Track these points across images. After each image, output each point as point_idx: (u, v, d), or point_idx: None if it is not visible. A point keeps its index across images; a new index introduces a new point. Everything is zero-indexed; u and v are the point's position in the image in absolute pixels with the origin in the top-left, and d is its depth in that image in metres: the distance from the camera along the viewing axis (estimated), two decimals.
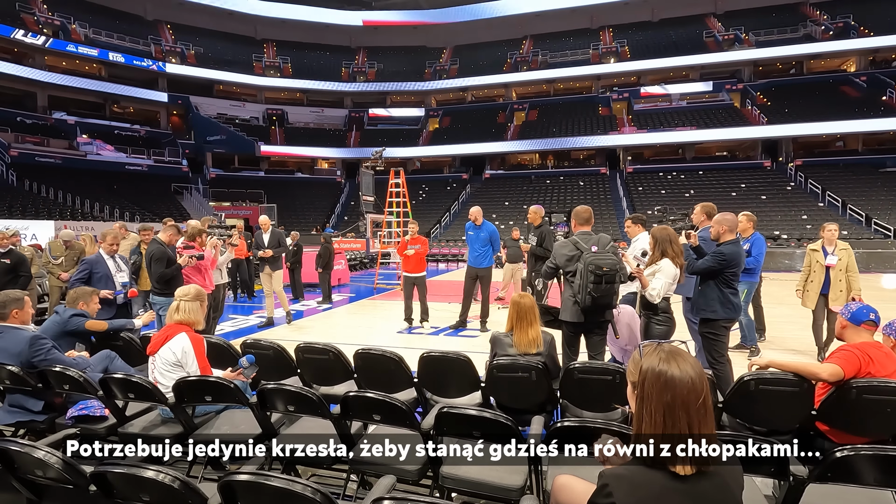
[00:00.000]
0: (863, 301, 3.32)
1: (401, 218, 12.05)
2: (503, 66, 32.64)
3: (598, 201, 24.68)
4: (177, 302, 2.85)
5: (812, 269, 5.17)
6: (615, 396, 2.61)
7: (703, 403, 1.07)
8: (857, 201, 20.82)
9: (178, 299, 2.87)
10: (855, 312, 2.52)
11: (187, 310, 2.80)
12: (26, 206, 20.04)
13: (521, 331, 2.96)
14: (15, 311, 2.95)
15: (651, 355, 1.13)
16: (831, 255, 5.05)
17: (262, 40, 34.60)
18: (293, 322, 7.34)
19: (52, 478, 1.59)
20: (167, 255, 4.70)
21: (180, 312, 2.79)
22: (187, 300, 2.84)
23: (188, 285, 3.00)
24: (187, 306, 2.81)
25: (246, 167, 32.04)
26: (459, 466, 2.11)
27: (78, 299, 3.55)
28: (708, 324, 3.64)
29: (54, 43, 25.97)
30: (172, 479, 1.37)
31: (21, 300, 3.00)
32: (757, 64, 29.06)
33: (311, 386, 3.27)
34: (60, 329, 3.35)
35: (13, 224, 15.35)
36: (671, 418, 1.06)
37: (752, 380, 2.43)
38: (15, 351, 2.81)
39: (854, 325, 2.51)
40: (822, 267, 5.07)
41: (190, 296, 2.87)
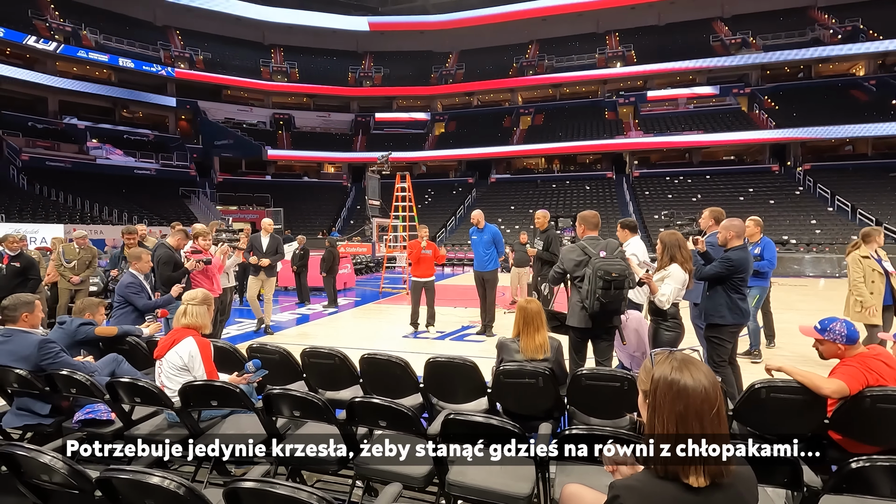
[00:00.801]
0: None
1: (406, 222, 12.05)
2: (509, 71, 32.70)
3: (605, 206, 24.58)
4: (184, 306, 2.85)
5: (870, 280, 4.59)
6: (623, 403, 2.58)
7: (717, 413, 1.04)
8: (866, 206, 20.59)
9: (185, 303, 2.87)
10: (847, 333, 2.46)
11: (194, 314, 2.80)
12: (36, 209, 20.25)
13: (528, 336, 2.94)
14: (25, 314, 2.96)
15: (663, 363, 1.11)
16: (885, 261, 4.61)
17: (270, 45, 34.90)
18: (298, 326, 7.35)
19: (58, 483, 1.58)
20: (174, 259, 4.72)
21: (187, 316, 2.79)
22: (194, 304, 2.84)
23: (196, 289, 3.00)
24: (195, 310, 2.81)
25: (253, 171, 32.26)
26: (466, 474, 2.09)
27: (85, 310, 3.58)
28: (715, 329, 3.61)
29: (65, 49, 26.35)
30: (178, 485, 1.36)
31: (32, 304, 3.02)
32: (764, 68, 28.91)
33: (317, 391, 3.27)
34: (70, 340, 3.35)
35: (23, 227, 15.53)
36: (684, 428, 1.04)
37: (763, 387, 2.39)
38: (24, 354, 2.82)
39: (851, 345, 2.47)
40: (881, 275, 4.58)
41: (197, 300, 2.87)
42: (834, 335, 2.49)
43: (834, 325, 2.50)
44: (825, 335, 2.51)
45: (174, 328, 2.85)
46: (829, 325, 2.50)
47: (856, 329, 2.49)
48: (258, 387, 3.00)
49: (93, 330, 3.44)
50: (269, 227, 7.10)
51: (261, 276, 6.93)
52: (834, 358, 2.55)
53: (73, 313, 3.61)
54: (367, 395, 2.34)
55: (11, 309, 2.92)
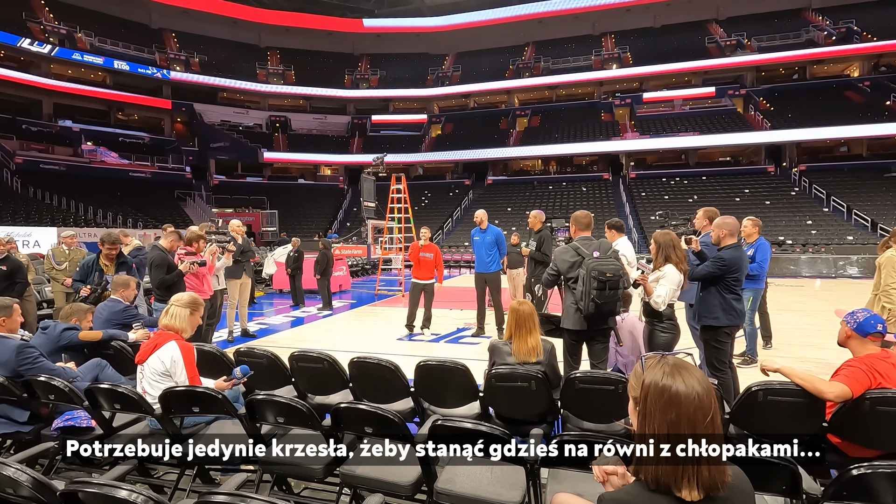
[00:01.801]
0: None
1: (402, 224, 11.98)
2: (505, 73, 32.72)
3: (601, 207, 24.57)
4: (168, 306, 2.78)
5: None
6: (618, 407, 2.52)
7: (710, 422, 0.98)
8: (862, 206, 20.64)
9: (171, 303, 2.80)
10: (862, 323, 2.39)
11: (175, 315, 2.71)
12: (30, 212, 20.10)
13: (521, 339, 2.88)
14: (2, 318, 2.89)
15: (654, 368, 1.04)
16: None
17: (266, 48, 34.86)
18: (293, 329, 7.27)
19: (24, 496, 1.51)
20: (167, 261, 4.64)
21: (168, 316, 2.71)
22: (178, 306, 2.76)
23: (184, 292, 2.92)
24: (176, 311, 2.73)
25: (249, 174, 32.17)
26: (455, 482, 2.03)
27: (72, 315, 3.50)
28: (710, 331, 3.53)
29: (60, 51, 26.21)
30: (146, 499, 1.29)
31: (10, 308, 2.94)
32: (759, 69, 29.02)
33: (306, 395, 3.20)
34: (53, 345, 3.27)
35: (16, 231, 15.40)
36: (676, 438, 0.97)
37: (760, 390, 2.33)
38: (1, 360, 2.74)
39: (860, 336, 2.40)
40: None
41: (182, 302, 2.79)
42: (850, 318, 2.44)
43: (857, 312, 2.44)
44: (846, 317, 2.46)
45: (156, 331, 2.78)
46: (858, 313, 2.44)
47: (877, 325, 2.38)
48: (245, 391, 2.92)
49: (76, 335, 3.36)
50: (238, 229, 6.65)
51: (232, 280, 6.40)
52: (842, 344, 2.49)
53: (60, 318, 3.53)
54: (354, 401, 2.27)
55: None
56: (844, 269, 16.13)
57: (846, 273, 15.98)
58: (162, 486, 2.60)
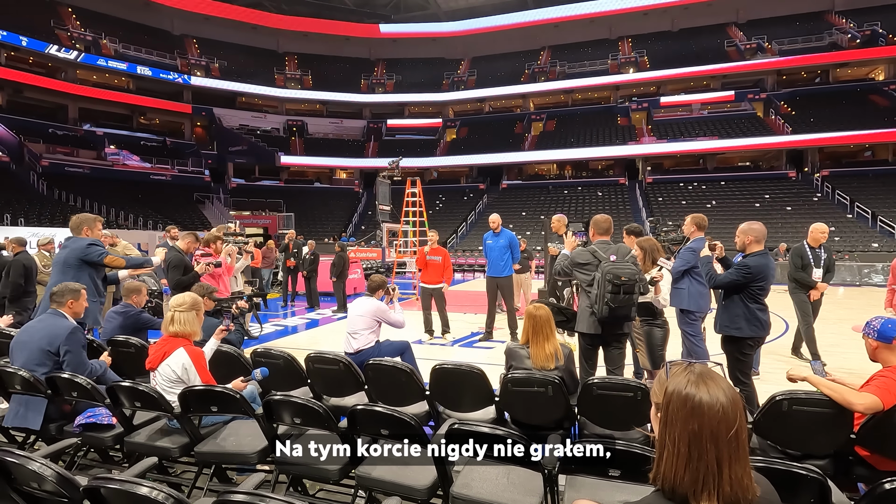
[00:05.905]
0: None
1: (416, 227, 12.01)
2: (521, 77, 32.66)
3: (617, 212, 24.31)
4: (171, 312, 2.72)
5: None
6: (637, 415, 2.47)
7: (735, 435, 0.93)
8: (887, 213, 20.09)
9: (172, 309, 2.73)
10: (881, 330, 2.30)
11: (182, 321, 2.69)
12: (54, 214, 20.61)
13: (538, 345, 2.84)
14: (70, 301, 3.03)
15: (679, 376, 1.00)
16: None
17: (284, 53, 35.37)
18: (307, 331, 7.31)
19: (48, 491, 1.54)
20: (184, 263, 4.71)
21: (175, 324, 2.68)
22: (182, 311, 2.71)
23: (183, 293, 2.88)
24: (182, 317, 2.69)
25: (266, 177, 32.62)
26: (471, 486, 2.01)
27: (132, 293, 3.87)
28: (733, 342, 3.43)
29: (86, 57, 26.94)
30: (166, 496, 1.30)
31: (77, 292, 3.08)
32: (780, 72, 28.50)
33: (322, 397, 3.21)
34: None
35: (42, 231, 15.79)
36: (697, 449, 0.93)
37: (785, 399, 2.27)
38: (54, 334, 2.83)
39: (886, 343, 2.30)
40: None
41: (185, 305, 2.74)
42: (868, 329, 2.36)
43: (872, 321, 2.36)
44: (864, 330, 2.38)
45: (162, 337, 2.73)
46: (873, 321, 2.36)
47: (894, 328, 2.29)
48: (262, 392, 2.94)
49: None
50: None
51: None
52: (874, 358, 2.40)
53: (124, 295, 3.93)
54: (370, 403, 2.27)
55: (59, 295, 3.02)
56: (869, 277, 15.70)
57: (871, 281, 15.55)
58: (179, 483, 2.63)
